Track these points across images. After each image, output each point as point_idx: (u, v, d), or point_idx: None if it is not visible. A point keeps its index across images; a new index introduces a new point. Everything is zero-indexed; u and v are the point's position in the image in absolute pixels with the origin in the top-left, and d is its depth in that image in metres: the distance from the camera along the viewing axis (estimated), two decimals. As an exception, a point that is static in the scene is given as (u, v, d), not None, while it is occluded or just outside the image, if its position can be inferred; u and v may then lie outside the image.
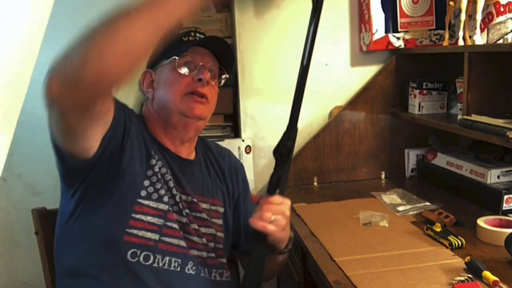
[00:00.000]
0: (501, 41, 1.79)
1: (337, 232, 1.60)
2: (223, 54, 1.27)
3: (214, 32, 2.17)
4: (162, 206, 1.14)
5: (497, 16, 1.79)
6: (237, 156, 2.05)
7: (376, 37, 2.09)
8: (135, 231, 1.09)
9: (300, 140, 2.22)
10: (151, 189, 1.13)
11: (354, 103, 2.19)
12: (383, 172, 2.26)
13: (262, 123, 2.14)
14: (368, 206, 1.81)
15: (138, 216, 1.10)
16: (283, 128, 2.52)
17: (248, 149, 2.11)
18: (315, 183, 2.20)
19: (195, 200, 1.21)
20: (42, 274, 1.36)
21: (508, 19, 1.77)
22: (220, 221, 1.28)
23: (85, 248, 1.10)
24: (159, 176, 1.15)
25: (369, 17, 2.08)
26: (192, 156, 1.29)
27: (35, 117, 1.37)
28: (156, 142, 1.21)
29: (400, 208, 1.77)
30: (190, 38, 1.23)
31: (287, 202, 1.14)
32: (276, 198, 1.11)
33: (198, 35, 1.26)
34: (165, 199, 1.14)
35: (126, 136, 1.12)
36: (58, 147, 1.04)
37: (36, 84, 1.54)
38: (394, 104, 2.21)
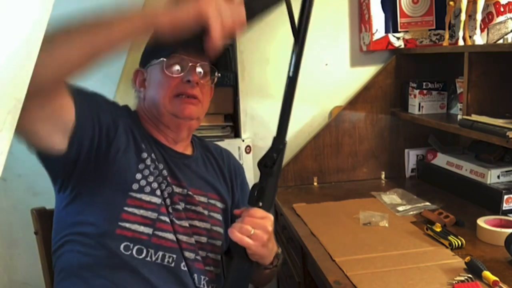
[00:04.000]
0: (501, 41, 1.79)
1: (337, 232, 1.60)
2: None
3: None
4: (155, 200, 1.12)
5: (497, 16, 1.79)
6: (237, 156, 2.05)
7: (376, 37, 2.09)
8: (127, 225, 1.08)
9: (300, 140, 2.22)
10: (143, 182, 1.12)
11: (354, 103, 2.19)
12: (383, 172, 2.26)
13: (262, 123, 2.14)
14: (368, 206, 1.81)
15: (130, 209, 1.09)
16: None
17: (248, 149, 2.11)
18: (315, 183, 2.21)
19: (190, 193, 1.19)
20: (42, 274, 1.36)
21: (508, 19, 1.77)
22: (219, 216, 1.26)
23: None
24: (151, 169, 1.14)
25: (369, 17, 2.08)
26: (188, 151, 1.28)
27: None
28: (150, 137, 1.20)
29: (400, 208, 1.77)
30: None
31: (270, 217, 1.09)
32: (259, 212, 1.06)
33: None
34: (158, 192, 1.13)
35: (112, 134, 1.11)
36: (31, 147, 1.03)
37: (36, 84, 1.54)
38: (394, 104, 2.21)
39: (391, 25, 2.10)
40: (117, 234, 1.07)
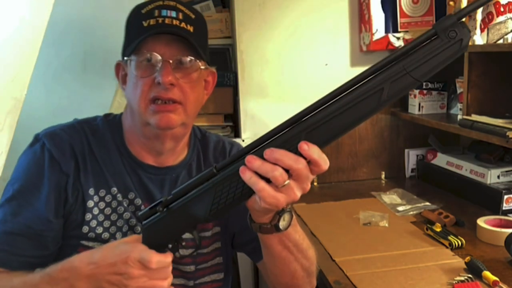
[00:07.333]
0: (501, 41, 1.79)
1: (337, 232, 1.60)
2: (196, 34, 1.00)
3: (214, 33, 2.17)
4: None
5: (497, 16, 1.79)
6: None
7: (376, 37, 2.09)
8: None
9: (300, 140, 2.22)
10: (92, 235, 1.02)
11: (354, 103, 2.19)
12: (383, 172, 2.26)
13: (262, 123, 2.14)
14: (368, 206, 1.81)
15: None
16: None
17: (248, 149, 2.10)
18: (315, 183, 2.20)
19: None
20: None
21: (508, 19, 1.77)
22: (216, 228, 1.12)
23: None
24: (108, 213, 1.04)
25: (369, 17, 2.08)
26: (181, 157, 1.12)
27: (35, 118, 1.37)
28: (127, 155, 1.07)
29: (400, 208, 1.77)
30: (151, 22, 0.97)
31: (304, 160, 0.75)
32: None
33: (164, 12, 0.98)
34: (112, 240, 1.01)
35: (65, 198, 1.03)
36: None
37: (36, 85, 1.54)
38: (394, 104, 2.21)
39: (391, 25, 2.10)
40: None
